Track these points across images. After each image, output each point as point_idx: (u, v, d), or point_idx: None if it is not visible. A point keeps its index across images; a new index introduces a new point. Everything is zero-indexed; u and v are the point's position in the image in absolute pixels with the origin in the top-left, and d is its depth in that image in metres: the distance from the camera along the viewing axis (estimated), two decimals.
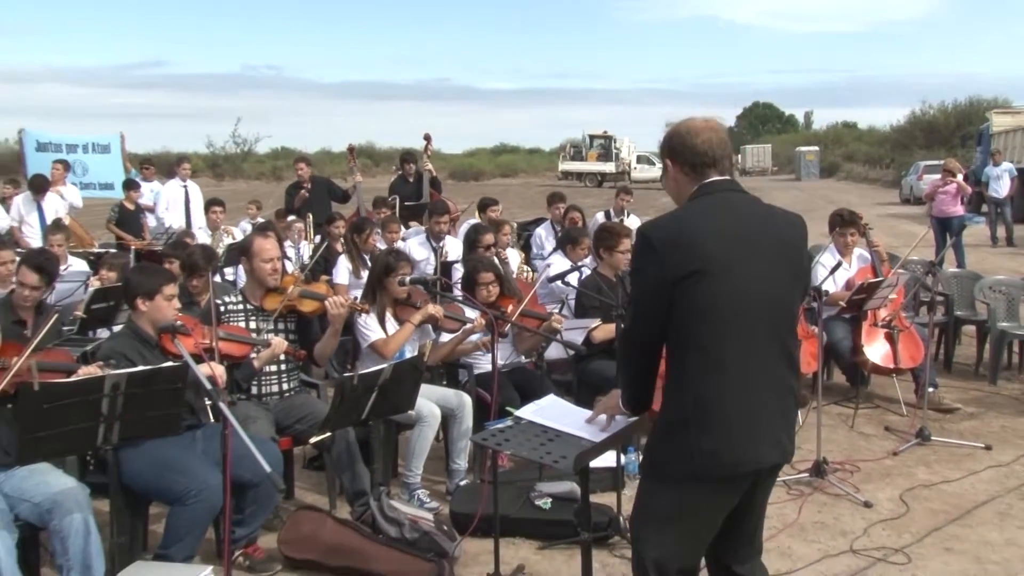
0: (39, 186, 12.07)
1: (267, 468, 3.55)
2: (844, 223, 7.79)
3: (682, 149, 3.19)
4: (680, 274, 2.93)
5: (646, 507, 3.13)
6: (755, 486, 3.13)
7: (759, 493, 3.19)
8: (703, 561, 3.25)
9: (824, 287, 6.76)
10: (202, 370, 4.64)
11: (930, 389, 7.21)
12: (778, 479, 5.63)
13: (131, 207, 12.88)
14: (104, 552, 4.19)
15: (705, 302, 2.93)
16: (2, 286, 6.80)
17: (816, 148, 56.21)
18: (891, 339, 7.34)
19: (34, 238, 11.18)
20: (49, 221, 11.13)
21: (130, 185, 13.40)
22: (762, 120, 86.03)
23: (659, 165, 3.64)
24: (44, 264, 5.61)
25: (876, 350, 7.34)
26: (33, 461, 4.17)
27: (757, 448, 3.03)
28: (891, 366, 7.34)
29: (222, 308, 5.41)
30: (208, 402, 4.85)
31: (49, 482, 4.27)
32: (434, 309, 5.83)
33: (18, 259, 6.96)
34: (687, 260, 2.94)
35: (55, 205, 12.08)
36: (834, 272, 7.22)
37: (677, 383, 3.01)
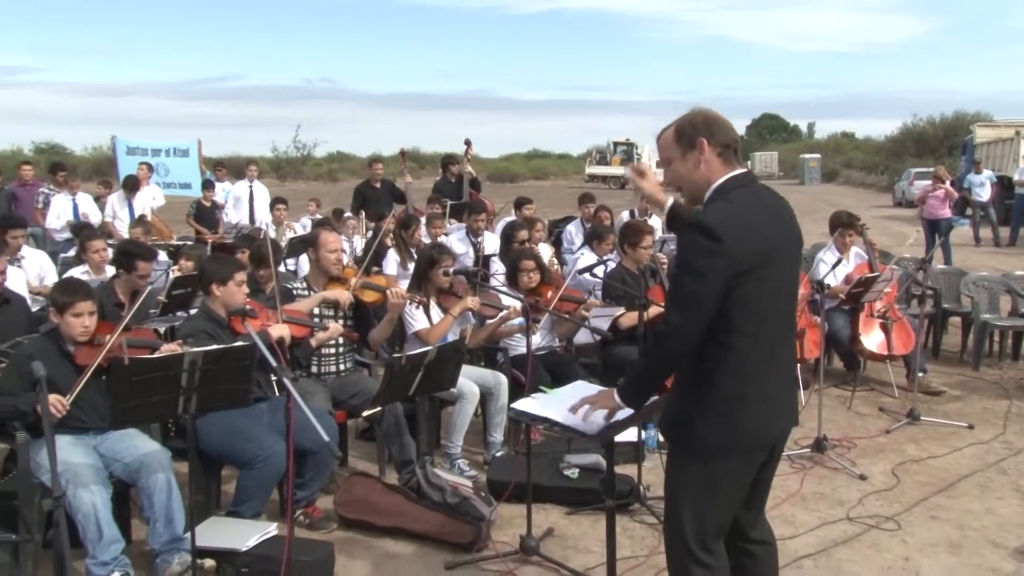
0: (131, 186, 12.22)
1: (325, 437, 3.57)
2: (844, 224, 7.76)
3: (719, 128, 2.94)
4: (745, 268, 2.76)
5: (685, 481, 2.98)
6: (772, 454, 3.10)
7: (773, 461, 3.15)
8: None
9: (826, 281, 6.72)
10: (272, 333, 4.72)
11: (920, 374, 7.19)
12: (783, 453, 5.67)
13: (207, 204, 13.02)
14: (184, 508, 4.25)
15: (755, 293, 2.80)
16: (97, 272, 6.90)
17: (818, 156, 55.58)
18: (885, 329, 7.35)
19: (125, 232, 11.31)
20: (136, 216, 11.27)
21: (207, 185, 13.54)
22: (769, 130, 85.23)
23: None
24: (146, 252, 6.14)
25: (872, 338, 7.35)
26: (124, 426, 4.23)
27: (784, 418, 3.04)
28: (885, 353, 7.36)
29: (292, 293, 5.45)
30: (273, 378, 4.89)
31: (137, 445, 4.35)
32: (472, 302, 5.81)
33: (110, 249, 7.08)
34: (750, 254, 2.77)
35: (144, 202, 12.22)
36: (835, 268, 7.21)
37: (723, 365, 2.85)
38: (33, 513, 4.07)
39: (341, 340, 5.46)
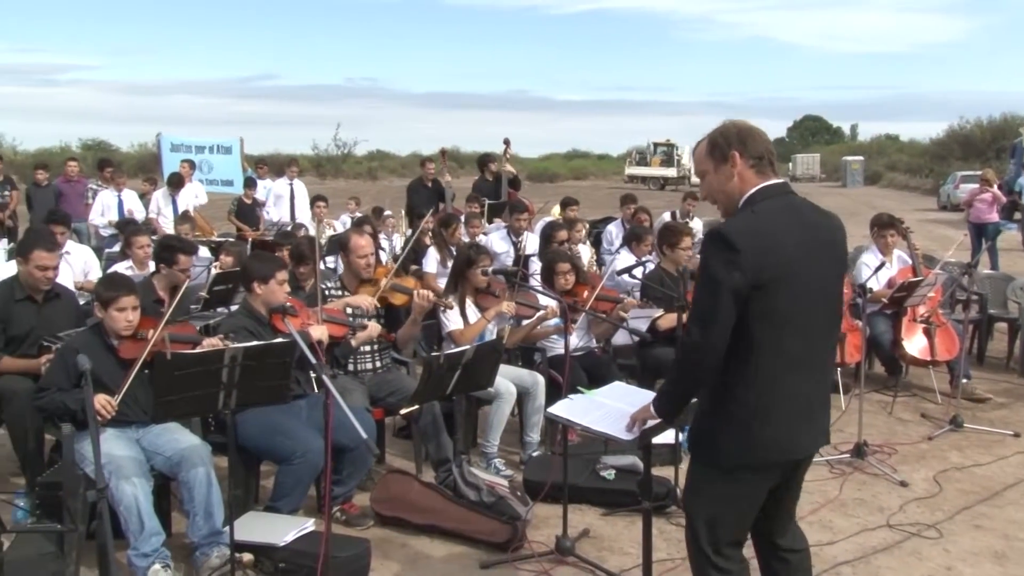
0: (176, 183, 12.41)
1: (363, 435, 3.59)
2: (883, 225, 7.69)
3: (751, 140, 2.92)
4: (762, 280, 2.73)
5: (701, 491, 3.00)
6: (799, 466, 3.08)
7: (801, 472, 3.12)
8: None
9: (868, 285, 6.64)
10: (312, 333, 4.76)
11: (964, 380, 7.07)
12: (821, 458, 5.63)
13: (248, 202, 13.16)
14: (223, 502, 4.30)
15: (776, 306, 2.77)
16: (141, 268, 7.01)
17: (861, 158, 54.90)
18: (928, 334, 7.25)
19: (169, 228, 11.49)
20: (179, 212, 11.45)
21: (249, 183, 13.69)
22: (811, 132, 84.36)
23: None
24: (187, 246, 6.30)
25: (915, 343, 7.26)
26: (166, 420, 4.29)
27: (809, 437, 2.99)
28: (928, 358, 7.26)
29: (326, 292, 5.49)
30: (312, 375, 4.94)
31: (178, 439, 4.41)
32: (506, 306, 5.79)
33: (153, 245, 7.18)
34: (769, 266, 2.74)
35: (187, 199, 12.40)
36: (877, 271, 7.12)
37: (742, 378, 2.83)
38: (78, 504, 4.14)
39: (377, 339, 5.49)
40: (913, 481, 5.50)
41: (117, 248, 8.62)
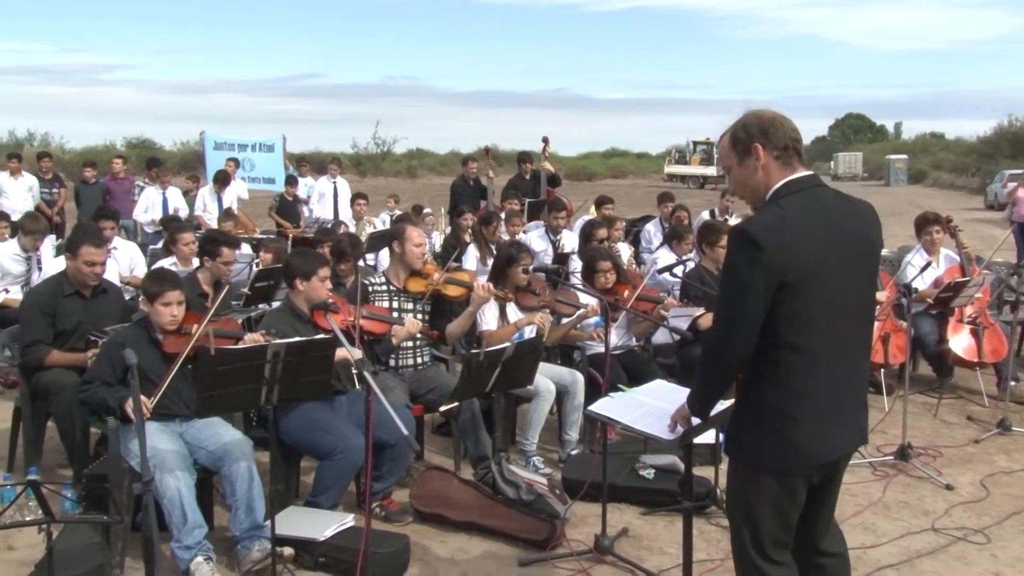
0: (222, 180, 12.57)
1: (404, 431, 3.62)
2: (928, 222, 7.59)
3: (774, 131, 2.82)
4: (787, 279, 2.68)
5: (741, 494, 2.95)
6: (837, 467, 3.03)
7: (840, 472, 3.08)
8: None
9: (914, 285, 6.53)
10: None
11: (1012, 383, 6.93)
12: (864, 460, 5.55)
13: (290, 199, 13.29)
14: (264, 496, 4.34)
15: (803, 305, 2.72)
16: (185, 264, 7.10)
17: (904, 156, 54.12)
18: (976, 335, 7.12)
19: (213, 224, 11.62)
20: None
21: (290, 181, 13.82)
22: (854, 130, 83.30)
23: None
24: (230, 239, 6.47)
25: (961, 344, 7.13)
26: (209, 415, 4.34)
27: (843, 437, 2.94)
28: (975, 360, 7.14)
29: (368, 288, 5.51)
30: (354, 371, 4.96)
31: (221, 433, 4.46)
32: (539, 319, 5.72)
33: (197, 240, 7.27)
34: (795, 264, 2.68)
35: (231, 197, 12.56)
36: (923, 271, 7.01)
37: (771, 379, 2.79)
38: (123, 496, 4.21)
39: (418, 335, 5.51)
40: (959, 485, 5.41)
41: (161, 244, 8.74)
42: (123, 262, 7.93)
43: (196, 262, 6.75)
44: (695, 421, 3.12)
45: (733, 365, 2.84)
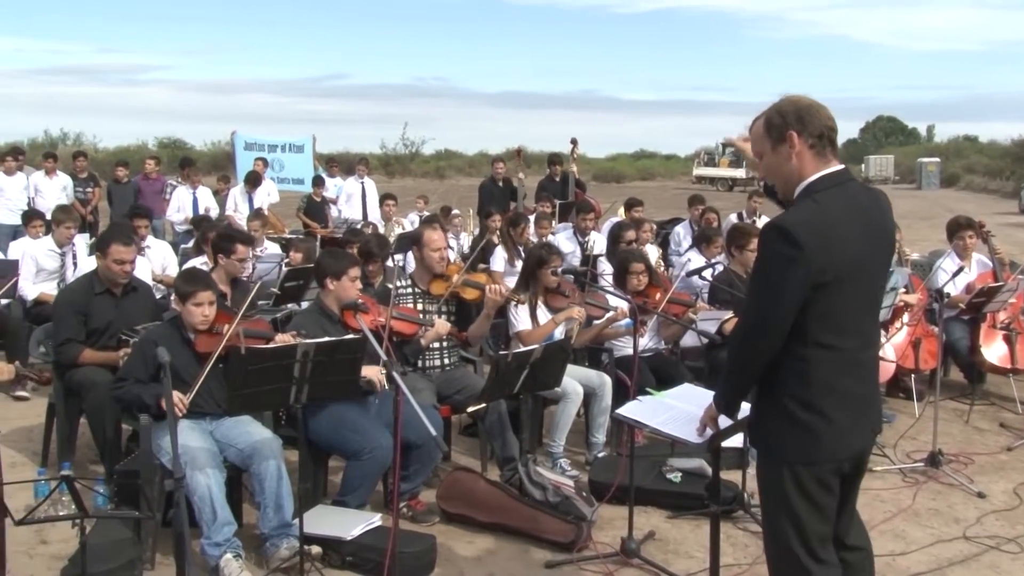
0: (253, 180, 12.68)
1: (433, 431, 3.63)
2: (960, 226, 7.51)
3: (810, 119, 2.76)
4: (826, 279, 2.67)
5: (780, 494, 2.89)
6: (864, 459, 3.02)
7: (864, 464, 3.06)
8: None
9: (945, 290, 6.47)
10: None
11: None
12: (894, 466, 5.50)
13: (317, 199, 13.36)
14: (292, 495, 4.37)
15: (836, 305, 2.71)
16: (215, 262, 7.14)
17: (937, 159, 53.45)
18: (1009, 340, 7.06)
19: (244, 224, 11.72)
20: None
21: (317, 181, 13.89)
22: (885, 133, 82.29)
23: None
24: (245, 236, 6.53)
25: (994, 350, 7.07)
26: (239, 413, 4.39)
27: (866, 428, 2.94)
28: (1008, 366, 7.07)
29: (395, 292, 5.54)
30: (382, 371, 4.99)
31: (251, 432, 4.50)
32: (577, 312, 5.76)
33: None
34: (832, 264, 2.66)
35: (262, 197, 12.67)
36: (955, 276, 6.94)
37: (798, 375, 2.78)
38: (154, 492, 4.26)
39: (446, 336, 5.52)
40: (991, 493, 5.35)
41: (192, 244, 8.83)
42: (156, 261, 8.03)
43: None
44: (723, 421, 3.11)
45: (760, 363, 2.82)
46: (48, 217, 8.94)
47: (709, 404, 3.12)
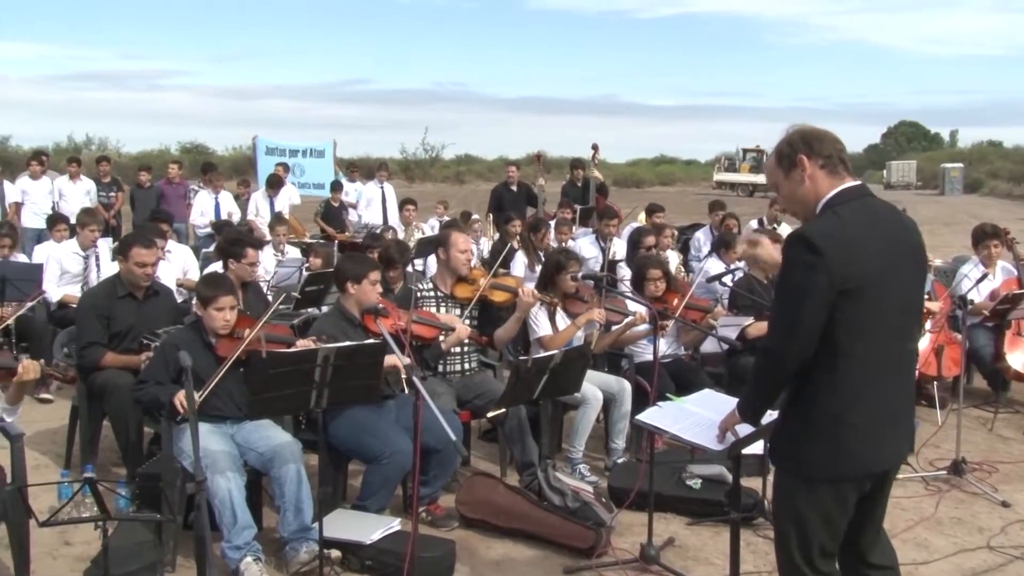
0: (275, 184, 12.75)
1: (453, 436, 3.64)
2: (986, 235, 7.42)
3: (820, 143, 2.86)
4: (847, 286, 2.68)
5: (789, 504, 2.93)
6: (886, 477, 3.00)
7: (889, 482, 3.04)
8: None
9: (969, 297, 6.42)
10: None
11: None
12: (917, 474, 5.46)
13: (335, 204, 13.40)
14: (312, 499, 4.39)
15: (860, 314, 2.72)
16: None
17: (960, 165, 53.02)
18: None
19: (265, 228, 11.78)
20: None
21: (335, 186, 13.94)
22: (907, 138, 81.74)
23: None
24: (254, 240, 6.60)
25: (1018, 357, 7.01)
26: (260, 417, 4.41)
27: (896, 445, 2.93)
28: None
29: (416, 295, 5.55)
30: (403, 376, 5.00)
31: (271, 435, 4.52)
32: (597, 314, 5.75)
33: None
34: (854, 272, 2.69)
35: (284, 201, 12.73)
36: (979, 283, 6.88)
37: (826, 387, 2.78)
38: (175, 495, 4.28)
39: (467, 341, 5.53)
40: (1016, 502, 5.29)
41: (213, 248, 8.89)
42: (177, 265, 8.09)
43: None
44: (743, 428, 3.10)
45: (788, 372, 2.84)
46: (72, 221, 9.04)
47: (730, 411, 3.12)
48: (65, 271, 7.78)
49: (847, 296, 2.70)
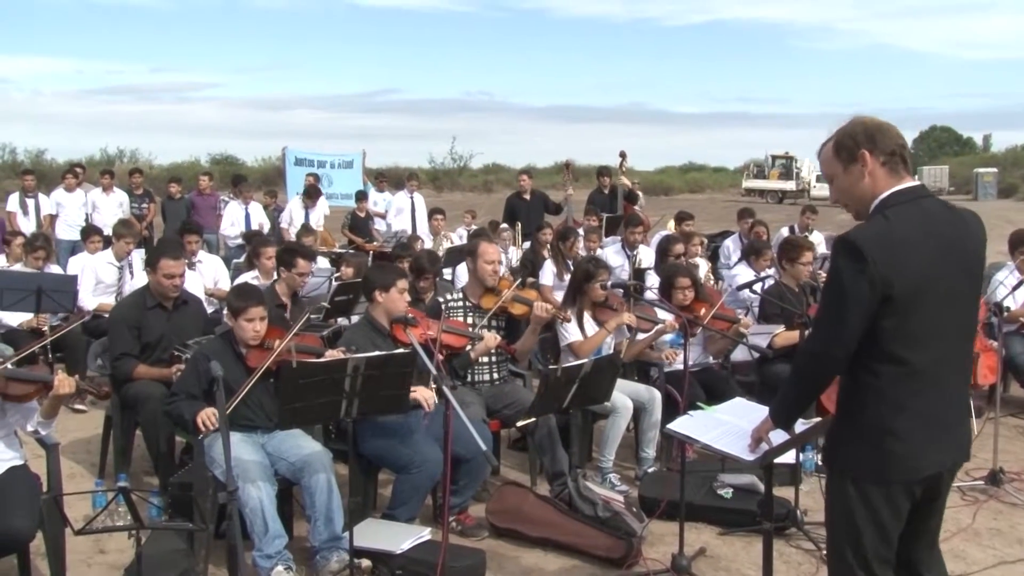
0: (313, 194, 12.85)
1: (483, 446, 3.64)
2: (1023, 242, 7.29)
3: (881, 137, 2.78)
4: (893, 292, 2.64)
5: (841, 510, 2.87)
6: (940, 484, 2.93)
7: (943, 492, 2.98)
8: None
9: (1004, 304, 6.33)
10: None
11: None
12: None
13: (361, 215, 13.46)
14: (343, 508, 4.40)
15: (908, 320, 2.68)
16: (267, 277, 7.27)
17: (994, 170, 52.34)
18: None
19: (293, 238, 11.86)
20: (312, 223, 11.82)
21: (360, 196, 13.99)
22: (940, 143, 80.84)
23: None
24: (307, 251, 6.72)
25: None
26: (290, 427, 4.43)
27: (944, 452, 2.86)
28: None
29: (446, 305, 5.57)
30: (433, 386, 5.01)
31: (301, 445, 4.54)
32: (628, 318, 5.75)
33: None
34: (901, 278, 2.64)
35: (320, 211, 12.83)
36: (1015, 290, 6.78)
37: (873, 392, 2.75)
38: (207, 504, 4.32)
39: (496, 350, 5.54)
40: None
41: (244, 258, 8.97)
42: (208, 275, 8.17)
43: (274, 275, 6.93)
44: (777, 436, 3.08)
45: (827, 376, 2.83)
46: (107, 233, 9.16)
47: (763, 419, 3.09)
48: (100, 281, 7.89)
49: (892, 303, 2.66)
